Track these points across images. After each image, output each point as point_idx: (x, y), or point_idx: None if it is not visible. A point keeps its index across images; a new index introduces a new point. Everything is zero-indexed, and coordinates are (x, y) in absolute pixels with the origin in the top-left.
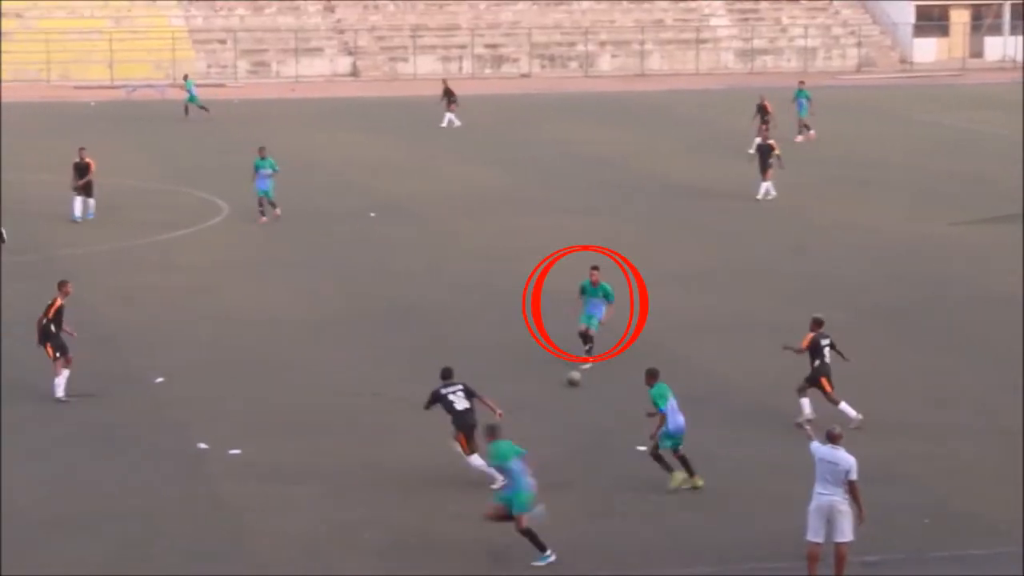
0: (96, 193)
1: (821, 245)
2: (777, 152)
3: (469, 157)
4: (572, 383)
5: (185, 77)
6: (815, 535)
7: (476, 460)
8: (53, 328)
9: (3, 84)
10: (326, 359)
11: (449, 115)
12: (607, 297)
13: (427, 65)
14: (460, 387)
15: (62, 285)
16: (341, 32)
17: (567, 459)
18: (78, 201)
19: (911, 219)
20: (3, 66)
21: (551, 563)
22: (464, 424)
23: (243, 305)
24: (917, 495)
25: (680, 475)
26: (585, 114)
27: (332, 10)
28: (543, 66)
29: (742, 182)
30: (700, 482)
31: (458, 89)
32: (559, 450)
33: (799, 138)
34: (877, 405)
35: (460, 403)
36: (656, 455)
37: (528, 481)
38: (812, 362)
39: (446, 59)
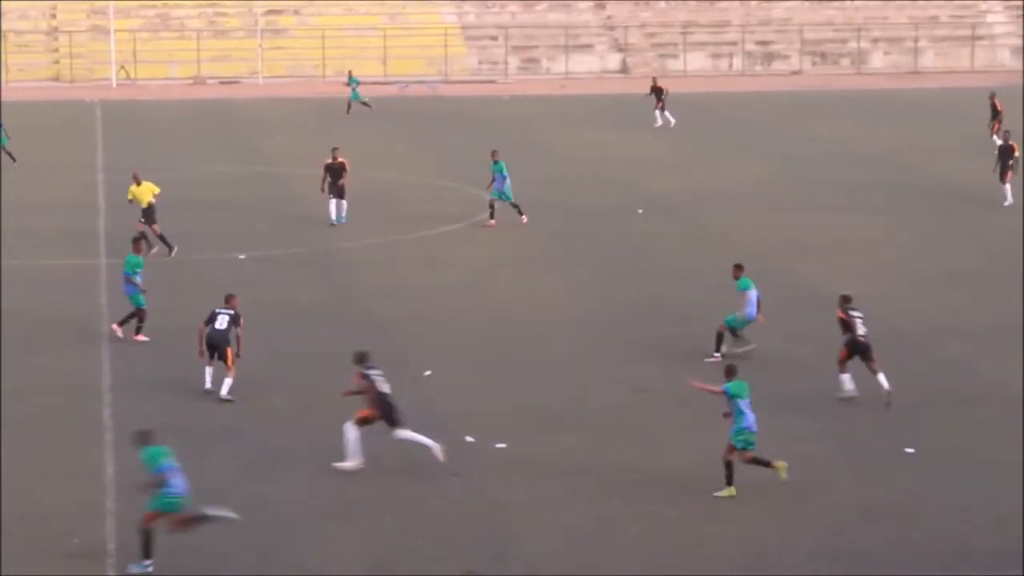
0: (364, 189)
1: None
2: (1017, 154)
3: (737, 154)
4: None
5: (349, 74)
6: None
7: (351, 432)
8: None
9: (279, 80)
10: (592, 355)
11: (659, 113)
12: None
13: (697, 62)
14: (380, 371)
15: (230, 299)
16: (612, 29)
17: (831, 459)
18: (332, 204)
19: None
20: (282, 62)
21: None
22: (385, 405)
23: (510, 301)
24: None
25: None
26: (856, 112)
27: (603, 7)
28: (814, 63)
29: (995, 184)
30: (731, 492)
31: (728, 86)
32: (818, 450)
33: None
34: None
35: (383, 385)
36: (754, 460)
37: (179, 483)
38: (844, 335)
39: (716, 56)
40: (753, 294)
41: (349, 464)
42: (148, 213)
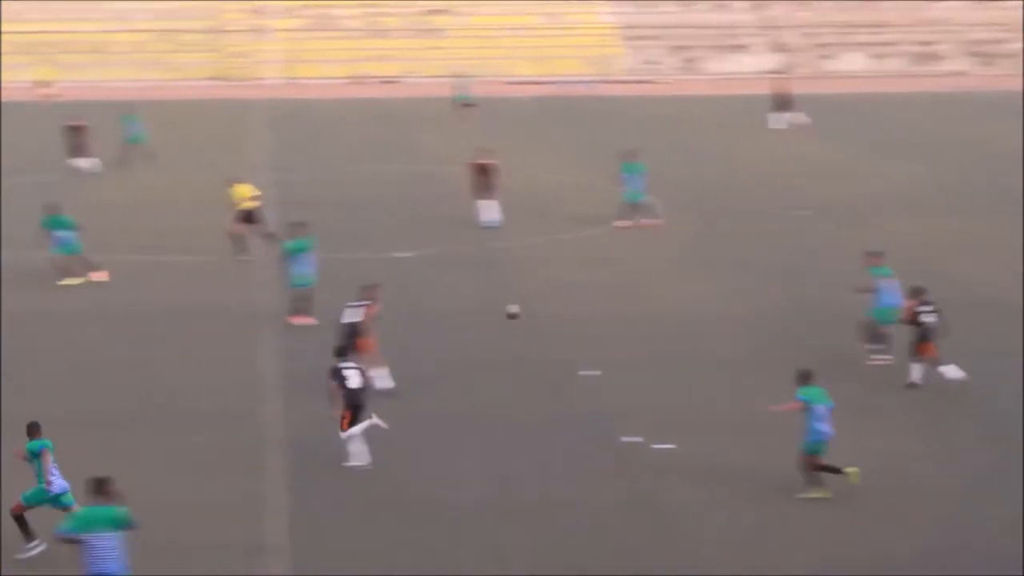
0: (521, 189)
1: None
2: None
3: (896, 155)
4: (511, 316)
5: (458, 76)
6: None
7: (350, 434)
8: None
9: (436, 79)
10: (752, 357)
11: (778, 115)
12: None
13: (856, 62)
14: (354, 365)
15: (369, 290)
16: (770, 28)
17: (993, 464)
18: (483, 205)
19: None
20: (439, 61)
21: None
22: (355, 402)
23: (670, 301)
24: None
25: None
26: (1018, 114)
27: (762, 7)
28: (976, 64)
29: None
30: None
31: (887, 87)
32: (982, 456)
33: None
34: None
35: (354, 380)
36: (807, 467)
37: (57, 481)
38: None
39: (876, 56)
40: (891, 283)
41: (360, 463)
42: (246, 214)
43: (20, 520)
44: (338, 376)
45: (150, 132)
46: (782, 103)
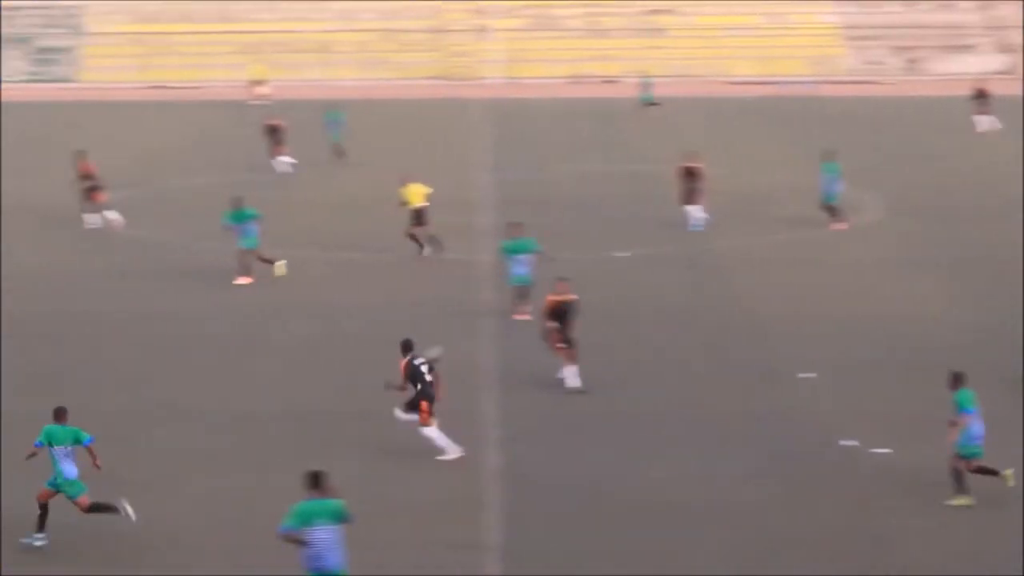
0: (735, 190)
1: None
2: None
3: None
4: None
5: (643, 75)
6: None
7: (432, 431)
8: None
9: (658, 79)
10: (974, 362)
11: (979, 118)
12: None
13: None
14: (425, 360)
15: (560, 283)
16: (996, 28)
17: None
18: (689, 209)
19: None
20: (661, 61)
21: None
22: (428, 395)
23: (888, 303)
24: None
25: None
26: None
27: (987, 7)
28: None
29: None
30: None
31: None
32: None
33: None
34: None
35: (428, 375)
36: (954, 471)
37: (71, 468)
38: None
39: None
40: None
41: (451, 455)
42: (416, 214)
43: (101, 507)
44: (416, 371)
45: (368, 130)
46: (981, 105)
